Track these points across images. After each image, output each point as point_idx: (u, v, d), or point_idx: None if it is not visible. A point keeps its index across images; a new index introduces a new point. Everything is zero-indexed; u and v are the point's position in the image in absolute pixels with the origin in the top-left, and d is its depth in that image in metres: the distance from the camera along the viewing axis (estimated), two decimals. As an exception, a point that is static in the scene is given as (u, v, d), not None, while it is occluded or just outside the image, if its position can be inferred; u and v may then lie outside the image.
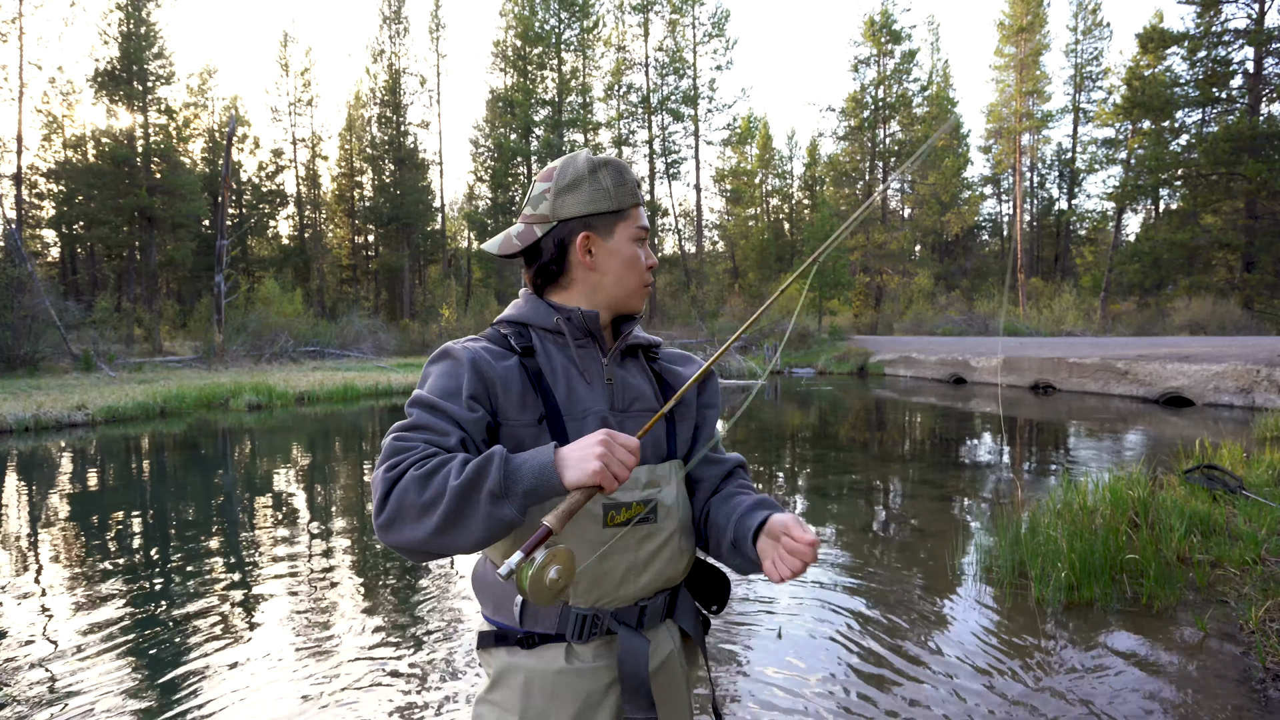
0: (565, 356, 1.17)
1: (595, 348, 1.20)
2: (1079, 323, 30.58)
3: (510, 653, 1.13)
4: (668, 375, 1.29)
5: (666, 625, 1.22)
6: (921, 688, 2.84)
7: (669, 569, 1.18)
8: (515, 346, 1.15)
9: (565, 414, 1.12)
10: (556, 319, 1.17)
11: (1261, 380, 11.47)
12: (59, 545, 4.97)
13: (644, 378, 1.24)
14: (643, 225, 1.21)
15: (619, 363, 1.22)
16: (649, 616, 1.17)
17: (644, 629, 1.16)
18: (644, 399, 1.21)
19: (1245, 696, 2.62)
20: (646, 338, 1.28)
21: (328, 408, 13.82)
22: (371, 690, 2.87)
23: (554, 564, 0.95)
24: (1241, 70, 29.86)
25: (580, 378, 1.16)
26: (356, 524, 5.49)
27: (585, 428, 1.12)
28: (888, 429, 10.81)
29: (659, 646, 1.19)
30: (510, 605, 1.12)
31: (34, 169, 32.75)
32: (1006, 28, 42.52)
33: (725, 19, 40.06)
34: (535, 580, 0.94)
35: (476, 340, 1.17)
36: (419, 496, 0.96)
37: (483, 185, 40.56)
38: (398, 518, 0.96)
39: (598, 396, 1.16)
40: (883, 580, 4.09)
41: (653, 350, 1.30)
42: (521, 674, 1.11)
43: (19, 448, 9.10)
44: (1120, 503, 4.21)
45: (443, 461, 0.99)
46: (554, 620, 1.11)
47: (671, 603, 1.22)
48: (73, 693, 2.83)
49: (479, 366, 1.09)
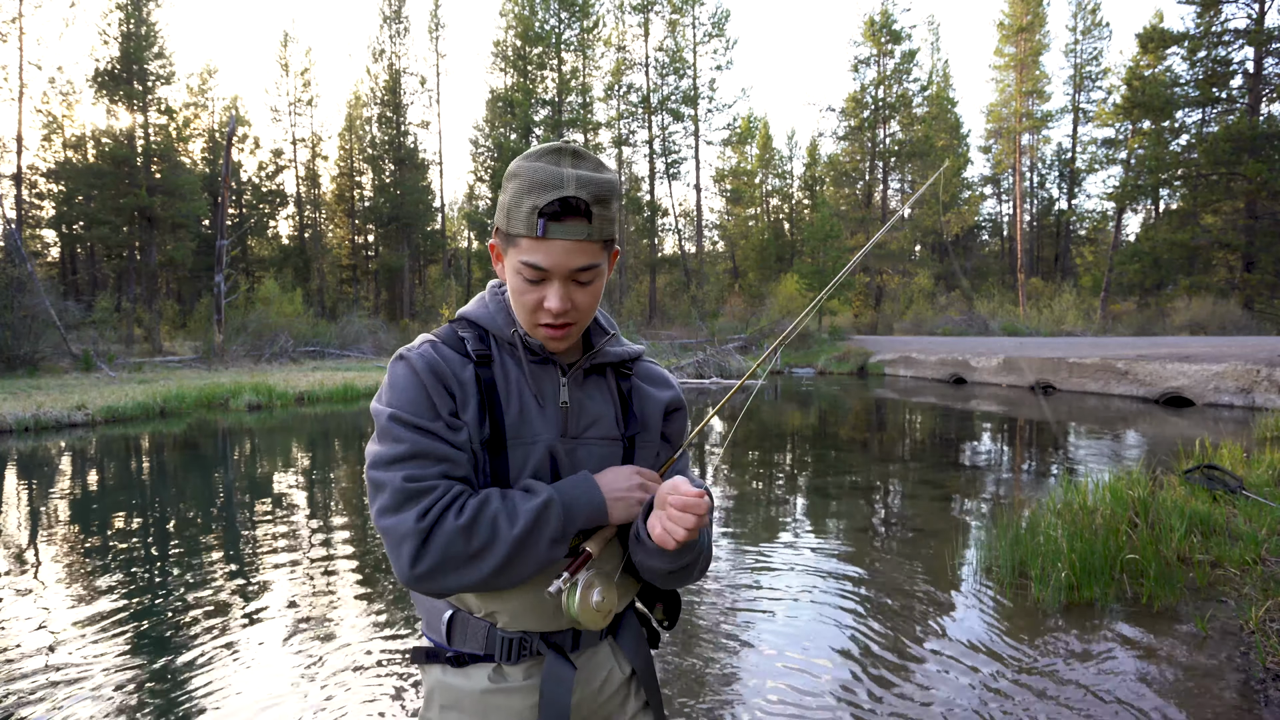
0: (520, 372, 1.07)
1: (553, 365, 1.09)
2: (1079, 323, 30.58)
3: (442, 671, 1.09)
4: (637, 396, 1.16)
5: (608, 645, 1.15)
6: (921, 687, 2.84)
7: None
8: (471, 354, 1.06)
9: (512, 437, 1.03)
10: (514, 331, 1.07)
11: (1262, 380, 11.47)
12: (59, 545, 4.97)
13: (607, 399, 1.13)
14: (529, 262, 0.97)
15: (580, 382, 1.10)
16: (585, 637, 1.11)
17: (579, 650, 1.10)
18: (602, 424, 1.11)
19: (1245, 696, 2.62)
20: (618, 352, 1.15)
21: (328, 408, 13.82)
22: (371, 689, 2.87)
23: (596, 586, 0.99)
24: (1241, 70, 29.88)
25: (534, 399, 1.06)
26: (356, 523, 5.48)
27: (531, 455, 1.04)
28: (888, 429, 10.81)
29: (595, 670, 1.12)
30: (439, 623, 1.08)
31: (34, 169, 32.76)
32: (1006, 28, 42.55)
33: (725, 19, 40.06)
34: (583, 602, 0.98)
35: (432, 343, 1.06)
36: (466, 547, 0.95)
37: (483, 185, 40.54)
38: (440, 567, 0.95)
39: (549, 422, 1.06)
40: (883, 580, 4.08)
41: (625, 367, 1.17)
42: (451, 694, 1.07)
43: (19, 448, 9.10)
44: (1120, 503, 4.21)
45: (481, 504, 0.97)
46: (481, 641, 1.06)
47: (614, 622, 1.16)
48: (72, 691, 2.83)
49: (441, 376, 1.02)
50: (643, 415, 1.15)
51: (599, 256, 1.01)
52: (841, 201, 43.64)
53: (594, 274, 1.01)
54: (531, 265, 0.98)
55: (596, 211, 0.97)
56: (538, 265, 0.97)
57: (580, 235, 0.96)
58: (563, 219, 0.95)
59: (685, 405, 1.23)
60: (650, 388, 1.18)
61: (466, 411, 1.02)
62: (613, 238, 1.03)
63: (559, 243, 0.96)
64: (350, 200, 42.41)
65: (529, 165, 0.97)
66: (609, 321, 1.18)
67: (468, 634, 1.07)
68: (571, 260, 0.98)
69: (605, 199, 0.98)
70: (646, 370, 1.20)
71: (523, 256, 0.98)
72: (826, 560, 4.45)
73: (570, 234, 0.96)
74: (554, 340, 1.04)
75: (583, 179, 0.96)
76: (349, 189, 42.36)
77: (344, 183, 42.82)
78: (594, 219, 0.97)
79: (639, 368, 1.19)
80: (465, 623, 1.07)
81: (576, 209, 0.95)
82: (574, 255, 0.97)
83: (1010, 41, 42.44)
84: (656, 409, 1.17)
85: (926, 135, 41.21)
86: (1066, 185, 45.88)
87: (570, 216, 0.96)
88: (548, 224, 0.95)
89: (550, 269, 0.98)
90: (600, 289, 1.04)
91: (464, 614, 1.08)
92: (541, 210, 0.95)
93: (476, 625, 1.07)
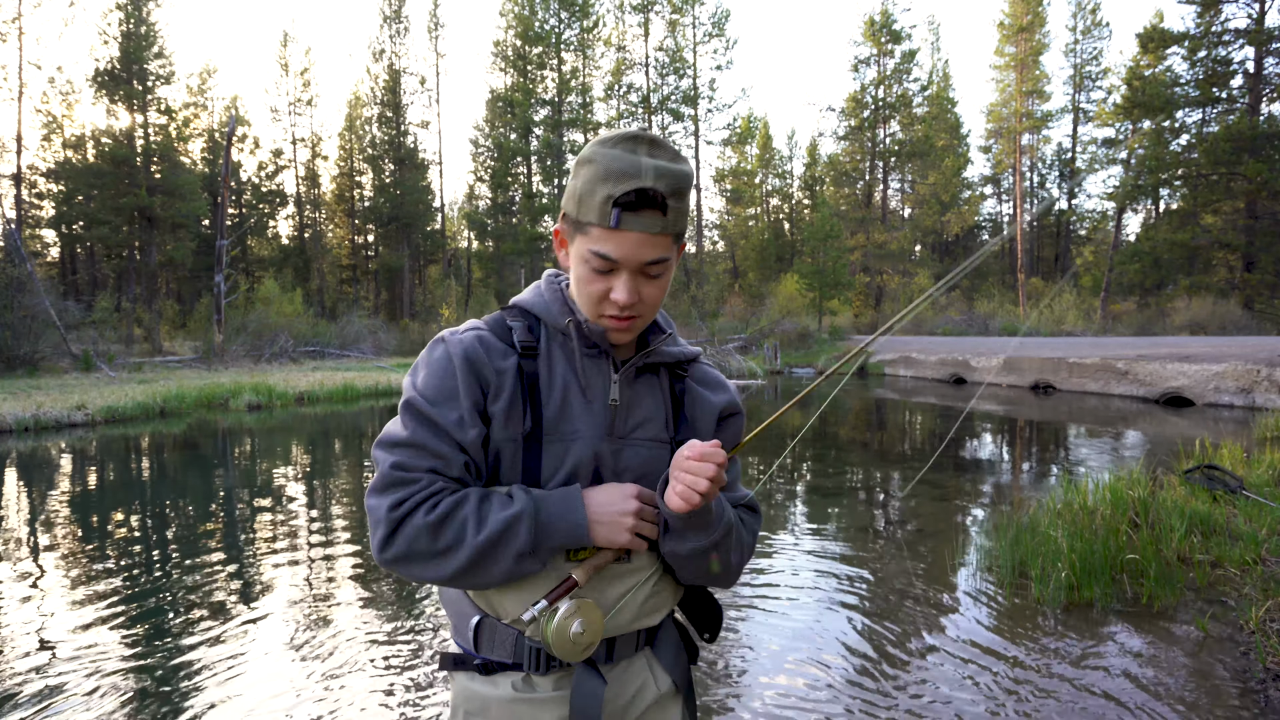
0: (569, 365, 1.04)
1: (606, 360, 1.05)
2: (1079, 323, 30.58)
3: (469, 678, 1.05)
4: (690, 399, 1.11)
5: (644, 657, 1.10)
6: (921, 687, 2.84)
7: (644, 614, 1.06)
8: (516, 344, 1.03)
9: (549, 433, 1.00)
10: (569, 321, 1.03)
11: (1262, 380, 11.47)
12: (58, 545, 4.97)
13: (658, 400, 1.09)
14: (599, 252, 0.95)
15: (631, 380, 1.06)
16: (619, 649, 1.06)
17: (613, 662, 1.05)
18: (651, 425, 1.06)
19: (1245, 696, 2.62)
20: (674, 352, 1.10)
21: (328, 408, 13.82)
22: (372, 690, 2.87)
23: (578, 617, 0.93)
24: (1241, 70, 29.88)
25: (580, 394, 1.02)
26: (355, 523, 5.48)
27: (570, 452, 1.00)
28: (888, 429, 10.81)
29: (628, 683, 1.07)
30: (466, 629, 1.05)
31: (34, 169, 32.76)
32: (1006, 28, 42.54)
33: (725, 19, 40.07)
34: (559, 633, 0.92)
35: (477, 329, 1.04)
36: (432, 543, 0.94)
37: (483, 185, 40.55)
38: (406, 557, 0.95)
39: (594, 419, 1.02)
40: (882, 580, 4.08)
41: (680, 368, 1.12)
42: (477, 700, 1.03)
43: (19, 448, 9.09)
44: (1120, 503, 4.21)
45: (455, 504, 0.96)
46: (509, 649, 1.02)
47: (651, 633, 1.11)
48: (71, 691, 2.83)
49: (476, 366, 0.99)
50: (694, 419, 1.11)
51: (670, 250, 0.98)
52: (841, 201, 43.65)
53: (663, 268, 0.98)
54: (601, 255, 0.95)
55: (672, 204, 0.94)
56: (608, 256, 0.95)
57: (655, 229, 0.94)
58: (638, 210, 0.92)
59: (742, 410, 1.18)
60: (705, 391, 1.13)
61: (498, 403, 0.99)
62: (685, 231, 1.01)
63: (632, 235, 0.93)
64: (350, 200, 42.42)
65: (604, 151, 0.94)
66: (666, 320, 1.14)
67: (495, 641, 1.03)
68: (643, 253, 0.95)
69: (681, 191, 0.95)
70: (702, 373, 1.16)
71: (593, 246, 0.95)
72: (826, 560, 4.45)
73: (645, 227, 0.93)
74: (618, 332, 1.01)
75: (660, 169, 0.93)
76: (349, 189, 42.37)
77: (344, 183, 42.83)
78: (669, 212, 0.94)
79: (695, 369, 1.15)
80: (493, 629, 1.03)
81: (653, 201, 0.92)
82: (646, 248, 0.94)
83: (1010, 41, 42.44)
84: (710, 413, 1.12)
85: (926, 135, 41.24)
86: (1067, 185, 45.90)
87: (646, 208, 0.93)
88: (622, 214, 0.92)
89: (621, 260, 0.95)
90: (668, 283, 1.01)
91: (492, 620, 1.03)
92: (617, 200, 0.92)
93: (505, 633, 1.02)
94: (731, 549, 1.05)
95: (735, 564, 1.07)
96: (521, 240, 35.32)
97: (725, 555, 1.04)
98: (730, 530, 1.03)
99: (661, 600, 1.09)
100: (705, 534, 0.99)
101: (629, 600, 1.03)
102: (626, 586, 1.03)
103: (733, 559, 1.06)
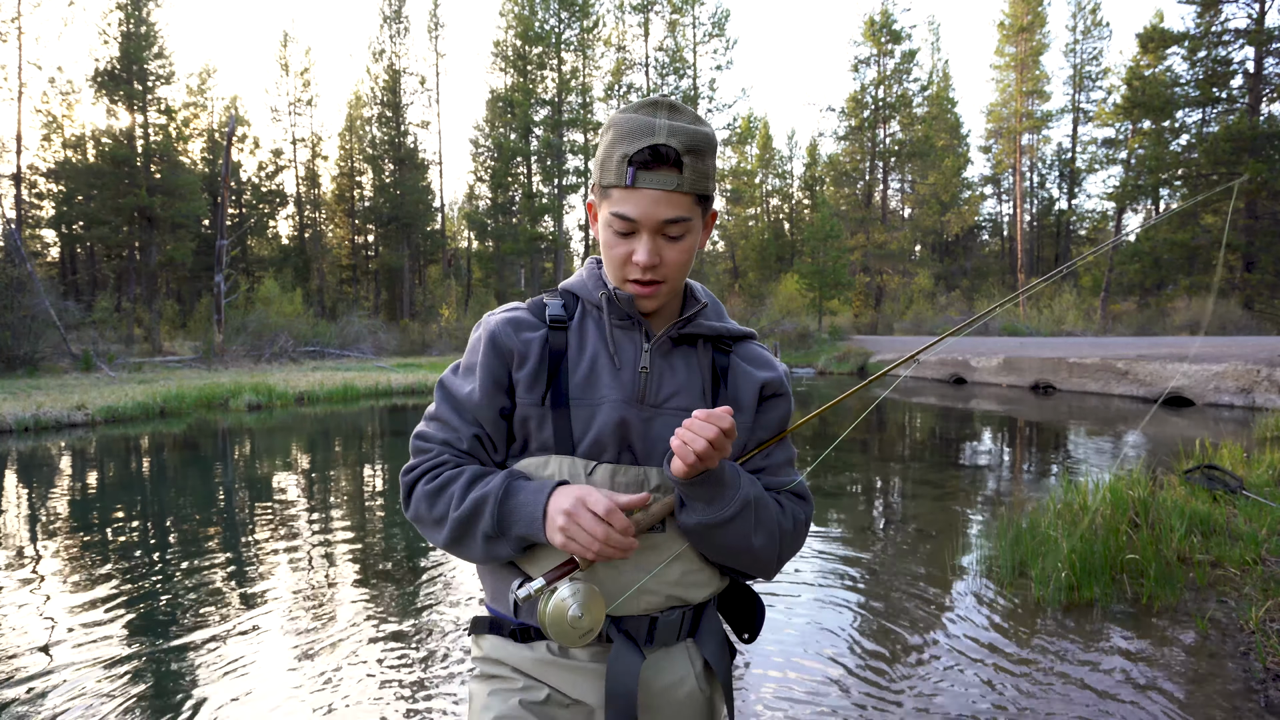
0: (600, 336, 1.05)
1: (639, 331, 1.05)
2: (1079, 323, 30.58)
3: (503, 642, 1.05)
4: (732, 373, 1.09)
5: (686, 647, 1.08)
6: (921, 687, 2.84)
7: (680, 589, 1.03)
8: (547, 319, 1.06)
9: (575, 398, 1.01)
10: (601, 294, 1.05)
11: (1262, 380, 11.47)
12: (58, 545, 4.97)
13: (694, 371, 1.06)
14: (618, 213, 0.96)
15: (666, 351, 1.06)
16: (661, 631, 1.03)
17: (653, 645, 1.03)
18: (684, 395, 1.04)
19: (1245, 696, 2.62)
20: (715, 326, 1.08)
21: (328, 408, 13.82)
22: (372, 690, 2.86)
23: (577, 600, 0.90)
24: (1241, 70, 29.88)
25: (609, 361, 1.03)
26: (356, 523, 5.48)
27: (596, 416, 1.00)
28: (888, 429, 10.81)
29: (669, 668, 1.05)
30: (508, 594, 1.03)
31: (34, 169, 32.73)
32: (1006, 28, 42.55)
33: (725, 19, 40.07)
34: (555, 615, 0.90)
35: (514, 308, 1.09)
36: (429, 511, 1.01)
37: (483, 185, 40.53)
38: (417, 520, 1.04)
39: (621, 385, 1.02)
40: (883, 580, 4.08)
41: (724, 342, 1.10)
42: (510, 660, 1.05)
43: (19, 448, 9.09)
44: (1120, 503, 4.20)
45: (449, 479, 1.01)
46: None
47: (695, 622, 1.08)
48: (71, 692, 2.83)
49: (498, 341, 1.03)
50: (735, 392, 1.08)
51: (690, 211, 0.97)
52: (841, 201, 43.66)
53: (684, 229, 0.98)
54: (621, 216, 0.96)
55: (688, 161, 0.94)
56: (626, 215, 0.96)
57: (670, 185, 0.94)
58: (652, 167, 0.93)
59: (789, 393, 1.12)
60: (749, 366, 1.11)
61: (522, 370, 1.02)
62: (707, 194, 1.00)
63: (648, 192, 0.94)
64: (350, 200, 42.41)
65: (624, 117, 0.97)
66: (707, 294, 1.12)
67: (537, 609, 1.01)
68: (660, 211, 0.95)
69: (699, 150, 0.95)
70: (749, 350, 1.13)
71: (613, 208, 0.97)
72: (826, 560, 4.45)
73: (660, 183, 0.94)
74: (643, 298, 1.01)
75: (675, 128, 0.94)
76: (349, 189, 42.36)
77: (344, 183, 42.82)
78: (685, 169, 0.94)
79: (742, 346, 1.13)
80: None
81: (666, 158, 0.93)
82: (663, 206, 0.95)
83: (1010, 41, 42.46)
84: (751, 388, 1.09)
85: (926, 135, 41.24)
86: (1066, 185, 45.90)
87: (660, 165, 0.93)
88: (637, 173, 0.94)
89: (639, 219, 0.95)
90: (692, 248, 1.00)
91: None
92: (631, 158, 0.94)
93: None
94: (755, 530, 1.00)
95: (762, 548, 1.02)
96: (521, 240, 35.32)
97: (744, 535, 0.99)
98: (749, 508, 0.99)
99: (698, 580, 1.05)
100: (713, 508, 0.96)
101: (659, 575, 1.00)
102: (662, 557, 1.01)
103: (756, 541, 1.01)
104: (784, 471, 1.12)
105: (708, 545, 1.01)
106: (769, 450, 1.10)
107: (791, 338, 26.98)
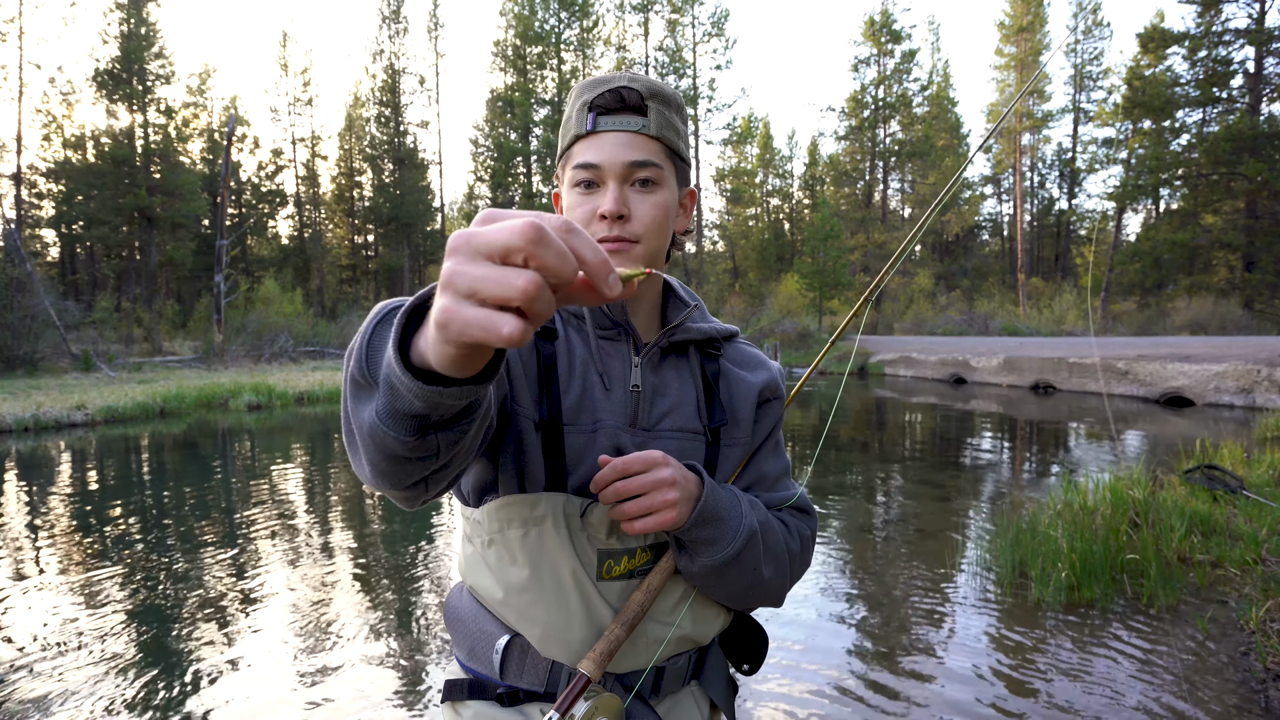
0: (586, 349, 0.92)
1: (626, 341, 0.93)
2: (1079, 323, 30.58)
3: (487, 707, 0.89)
4: (724, 382, 0.98)
5: (691, 692, 0.97)
6: (921, 687, 2.84)
7: (692, 629, 0.93)
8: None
9: (569, 422, 0.89)
10: None
11: (1262, 380, 11.46)
12: (58, 545, 4.96)
13: (687, 384, 0.95)
14: (582, 163, 0.88)
15: (656, 363, 0.94)
16: (668, 680, 0.93)
17: (660, 696, 0.93)
18: (679, 413, 0.93)
19: (1245, 697, 2.62)
20: (703, 329, 0.96)
21: (327, 408, 13.81)
22: (372, 690, 2.86)
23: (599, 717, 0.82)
24: (1242, 70, 29.88)
25: (599, 379, 0.91)
26: (356, 523, 5.48)
27: (593, 445, 0.89)
28: (888, 429, 10.80)
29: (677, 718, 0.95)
30: (490, 652, 0.89)
31: (34, 169, 32.70)
32: (1006, 28, 42.56)
33: (725, 19, 40.07)
34: None
35: None
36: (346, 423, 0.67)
37: (483, 185, 40.53)
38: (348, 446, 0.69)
39: (614, 407, 0.90)
40: (883, 580, 4.08)
41: (713, 345, 0.99)
42: None
43: (18, 448, 9.09)
44: (1120, 503, 4.20)
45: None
46: (543, 675, 0.87)
47: (699, 663, 0.97)
48: (71, 692, 2.83)
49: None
50: (731, 404, 0.97)
51: (659, 157, 0.89)
52: (842, 201, 43.67)
53: (655, 176, 0.88)
54: (583, 165, 0.87)
55: (653, 105, 0.88)
56: (589, 163, 0.87)
57: (633, 127, 0.87)
58: (615, 111, 0.88)
59: (783, 394, 1.03)
60: (742, 371, 1.00)
61: (519, 384, 0.92)
62: (678, 150, 0.92)
63: (610, 135, 0.87)
64: (350, 200, 42.41)
65: (590, 78, 0.92)
66: (690, 293, 1.01)
67: (526, 666, 0.88)
68: (623, 153, 0.87)
69: (663, 96, 0.90)
70: (738, 352, 1.02)
71: (575, 160, 0.89)
72: (826, 560, 4.45)
73: (622, 125, 0.87)
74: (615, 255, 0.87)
75: (637, 77, 0.89)
76: (349, 189, 42.36)
77: (344, 182, 42.82)
78: (650, 113, 0.88)
79: (730, 348, 1.02)
80: (524, 652, 0.88)
81: (628, 101, 0.87)
82: (627, 149, 0.87)
83: (1010, 41, 42.46)
84: (748, 396, 0.98)
85: (926, 135, 41.25)
86: (1067, 185, 45.91)
87: (622, 110, 0.88)
88: (598, 117, 0.87)
89: (602, 164, 0.87)
90: (666, 205, 0.89)
91: (523, 641, 0.88)
92: (592, 103, 0.88)
93: (538, 656, 0.88)
94: (764, 560, 0.91)
95: (772, 578, 0.93)
96: (521, 240, 35.14)
97: (753, 569, 0.90)
98: (755, 537, 0.89)
99: (706, 617, 0.95)
100: (717, 548, 0.86)
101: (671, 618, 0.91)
102: (670, 603, 0.92)
103: (766, 572, 0.91)
104: (781, 484, 1.02)
105: (716, 587, 0.90)
106: (763, 461, 1.01)
107: (791, 338, 26.97)
